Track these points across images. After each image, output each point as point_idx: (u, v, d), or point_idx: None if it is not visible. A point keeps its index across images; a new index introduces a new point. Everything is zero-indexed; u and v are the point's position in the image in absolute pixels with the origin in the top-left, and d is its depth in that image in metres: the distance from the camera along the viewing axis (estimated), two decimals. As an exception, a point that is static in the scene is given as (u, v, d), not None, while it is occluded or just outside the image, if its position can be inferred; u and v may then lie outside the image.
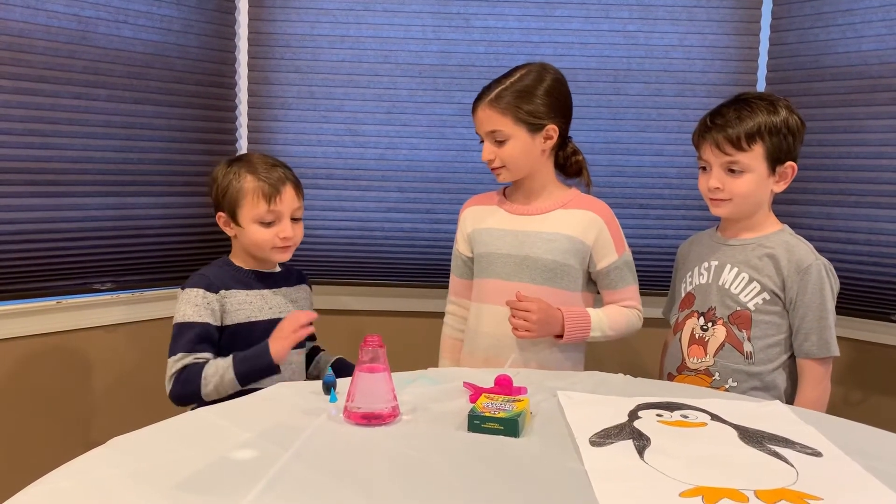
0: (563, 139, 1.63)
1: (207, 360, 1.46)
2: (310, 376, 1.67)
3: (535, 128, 1.56)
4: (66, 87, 1.87)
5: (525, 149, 1.57)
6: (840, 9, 2.01)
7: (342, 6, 2.18)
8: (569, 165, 1.66)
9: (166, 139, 2.06)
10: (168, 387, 1.46)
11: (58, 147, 1.87)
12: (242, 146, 2.25)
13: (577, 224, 1.60)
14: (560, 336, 1.55)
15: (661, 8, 2.16)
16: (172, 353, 1.47)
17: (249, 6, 2.18)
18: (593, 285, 1.67)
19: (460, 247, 1.73)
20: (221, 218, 1.57)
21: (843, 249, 1.98)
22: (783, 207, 1.54)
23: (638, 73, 2.17)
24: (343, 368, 1.63)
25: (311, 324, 1.47)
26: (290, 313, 1.50)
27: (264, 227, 1.52)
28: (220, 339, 1.52)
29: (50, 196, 1.87)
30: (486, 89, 1.57)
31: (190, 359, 1.45)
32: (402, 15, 2.18)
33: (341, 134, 2.22)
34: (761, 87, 2.16)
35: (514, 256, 1.60)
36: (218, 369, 1.42)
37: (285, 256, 1.58)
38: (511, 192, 1.70)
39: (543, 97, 1.56)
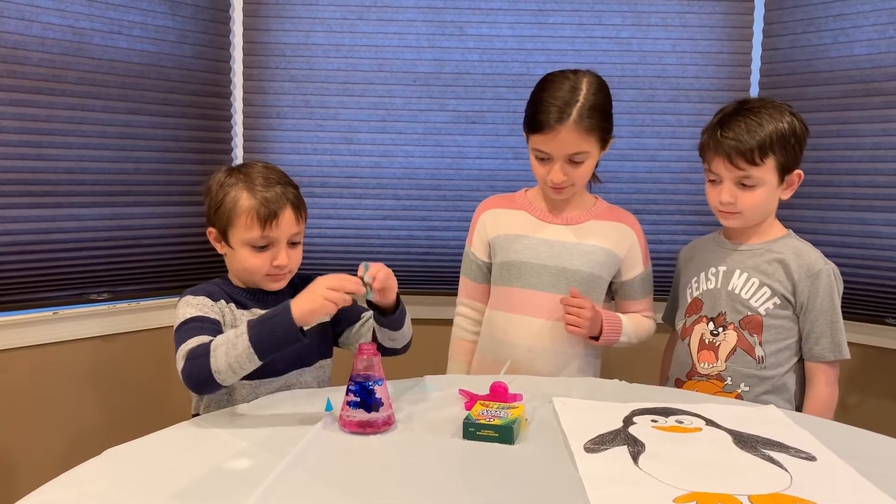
0: None
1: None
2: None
3: (605, 143, 1.53)
4: (62, 98, 1.87)
5: (593, 165, 1.54)
6: (831, 14, 2.02)
7: (336, 15, 2.19)
8: None
9: (162, 149, 2.07)
10: (180, 374, 1.20)
11: (53, 158, 1.88)
12: (238, 155, 2.25)
13: (612, 237, 1.59)
14: (596, 338, 1.55)
15: (654, 14, 2.17)
16: (180, 343, 1.23)
17: (244, 16, 2.19)
18: (608, 294, 1.65)
19: (477, 251, 1.66)
20: (212, 234, 1.39)
21: (837, 253, 1.97)
22: (778, 211, 1.54)
23: (631, 80, 2.18)
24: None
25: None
26: (331, 275, 1.21)
27: (256, 251, 1.34)
28: None
29: (46, 207, 1.87)
30: (560, 107, 1.44)
31: (199, 341, 1.21)
32: (396, 23, 2.19)
33: (336, 142, 2.23)
34: (754, 92, 2.17)
35: (550, 268, 1.56)
36: (228, 338, 1.16)
37: (278, 285, 1.39)
38: (536, 195, 1.64)
39: (609, 110, 1.51)
